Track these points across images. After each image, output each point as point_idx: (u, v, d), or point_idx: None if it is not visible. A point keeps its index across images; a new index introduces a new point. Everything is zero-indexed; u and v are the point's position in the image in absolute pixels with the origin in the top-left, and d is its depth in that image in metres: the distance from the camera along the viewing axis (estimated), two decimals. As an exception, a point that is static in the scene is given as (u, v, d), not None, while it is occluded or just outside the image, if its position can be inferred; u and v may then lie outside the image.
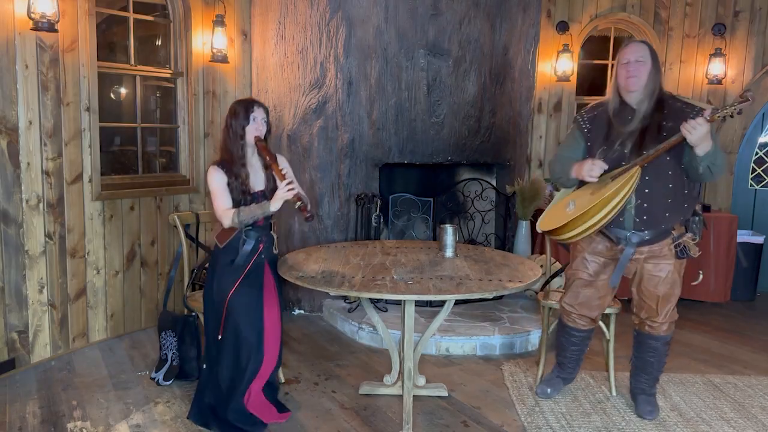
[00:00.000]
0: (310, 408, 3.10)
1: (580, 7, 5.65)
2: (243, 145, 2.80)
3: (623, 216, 2.75)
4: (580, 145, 2.93)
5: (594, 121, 2.90)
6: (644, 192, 2.71)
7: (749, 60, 5.38)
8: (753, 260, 5.22)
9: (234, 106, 2.85)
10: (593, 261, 2.96)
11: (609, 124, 2.82)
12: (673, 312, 2.92)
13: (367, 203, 4.44)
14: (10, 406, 3.08)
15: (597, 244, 2.93)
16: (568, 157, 2.93)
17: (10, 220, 3.39)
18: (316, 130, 4.47)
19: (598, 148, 2.82)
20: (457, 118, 4.59)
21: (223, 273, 2.82)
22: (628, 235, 2.77)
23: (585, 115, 2.97)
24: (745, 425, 2.99)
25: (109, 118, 4.25)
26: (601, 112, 2.89)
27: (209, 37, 4.41)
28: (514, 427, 2.94)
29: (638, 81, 2.72)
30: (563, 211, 2.83)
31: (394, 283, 2.58)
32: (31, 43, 3.39)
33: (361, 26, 4.29)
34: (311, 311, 4.68)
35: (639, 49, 2.74)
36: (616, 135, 2.77)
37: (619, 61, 2.79)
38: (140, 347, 3.91)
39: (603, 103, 2.91)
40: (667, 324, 2.93)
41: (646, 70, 2.71)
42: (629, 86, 2.74)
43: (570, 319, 3.11)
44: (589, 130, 2.90)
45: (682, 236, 2.80)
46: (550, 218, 2.91)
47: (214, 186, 2.80)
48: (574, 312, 3.07)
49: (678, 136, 2.54)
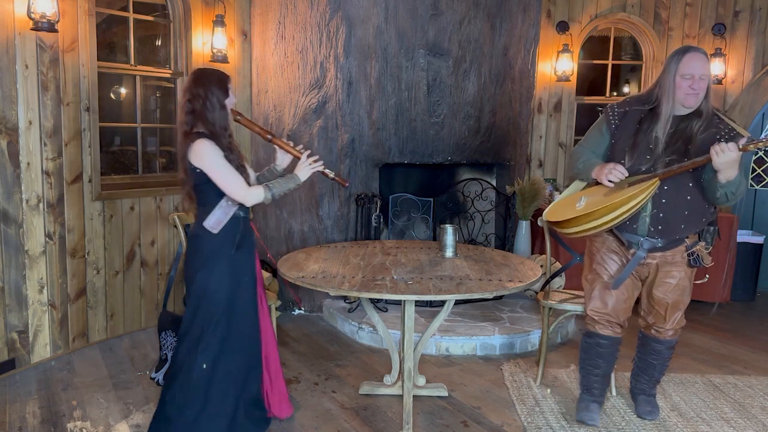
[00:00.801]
0: (310, 408, 3.10)
1: (580, 7, 5.65)
2: (226, 116, 2.53)
3: (637, 222, 2.68)
4: (604, 139, 2.83)
5: (625, 117, 2.77)
6: (662, 202, 2.63)
7: (749, 60, 5.39)
8: (753, 260, 5.22)
9: (202, 75, 2.55)
10: (611, 260, 2.84)
11: (640, 123, 2.71)
12: (681, 319, 2.88)
13: (367, 203, 4.44)
14: (10, 406, 3.08)
15: (611, 243, 2.85)
16: (591, 152, 2.84)
17: (10, 220, 3.39)
18: (316, 130, 4.47)
19: (622, 148, 2.72)
20: (457, 118, 4.59)
21: (230, 262, 2.55)
22: (641, 240, 2.70)
23: (616, 108, 2.81)
24: (745, 425, 2.99)
25: (109, 118, 4.26)
26: (634, 111, 2.75)
27: (209, 37, 4.41)
28: (514, 427, 2.94)
29: (698, 99, 2.60)
30: (572, 206, 2.75)
31: (394, 283, 2.58)
32: (31, 43, 3.39)
33: (361, 26, 4.29)
34: (311, 311, 4.68)
35: (704, 65, 2.58)
36: (645, 139, 2.67)
37: (680, 71, 2.59)
38: (140, 347, 3.91)
39: (638, 101, 2.78)
40: (673, 330, 2.89)
41: (705, 86, 2.59)
42: (688, 102, 2.61)
43: (599, 326, 2.90)
44: (618, 126, 2.77)
45: (695, 245, 2.74)
46: (558, 210, 2.83)
47: (216, 162, 2.44)
48: (603, 319, 2.88)
49: (705, 157, 2.45)
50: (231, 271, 2.57)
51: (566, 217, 2.70)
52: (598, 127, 2.88)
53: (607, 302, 2.86)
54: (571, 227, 2.69)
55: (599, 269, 2.87)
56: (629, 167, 2.66)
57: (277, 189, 2.56)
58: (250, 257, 2.69)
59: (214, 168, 2.44)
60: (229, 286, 2.58)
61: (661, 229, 2.67)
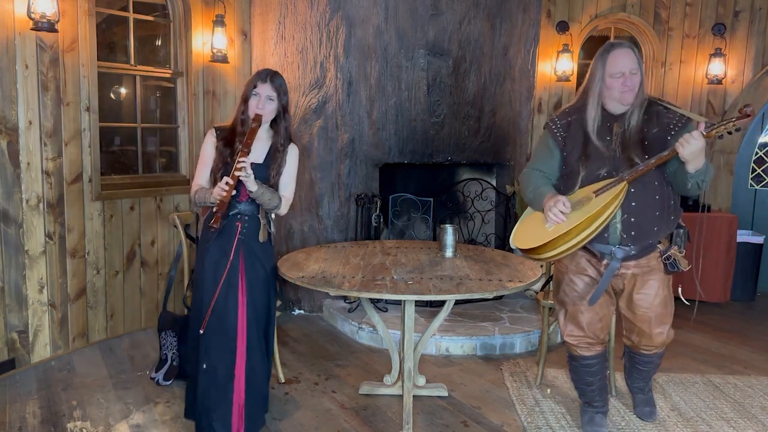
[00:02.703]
0: (310, 408, 3.10)
1: (580, 7, 5.65)
2: (245, 120, 2.62)
3: (608, 231, 2.52)
4: (554, 154, 2.67)
5: (569, 128, 2.63)
6: (631, 206, 2.48)
7: (749, 60, 5.39)
8: (753, 260, 5.22)
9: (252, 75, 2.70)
10: (579, 281, 2.69)
11: (585, 132, 2.58)
12: (669, 332, 2.73)
13: (367, 203, 4.44)
14: (10, 406, 3.08)
15: (580, 259, 2.67)
16: (541, 174, 2.68)
17: (10, 220, 3.39)
18: (316, 130, 4.47)
19: (576, 157, 2.58)
20: (457, 118, 4.59)
21: (199, 257, 2.61)
22: (613, 249, 2.53)
23: (558, 121, 2.68)
24: (745, 425, 2.99)
25: (109, 118, 4.26)
26: (575, 120, 2.63)
27: (209, 37, 4.41)
28: (514, 427, 2.94)
29: (633, 94, 2.51)
30: (541, 228, 2.54)
31: (394, 283, 2.58)
32: (31, 43, 3.39)
33: (361, 26, 4.29)
34: (311, 311, 4.68)
35: (631, 60, 2.51)
36: (595, 145, 2.54)
37: (608, 72, 2.51)
38: (140, 347, 3.91)
39: (575, 109, 2.66)
40: (663, 346, 2.79)
41: (638, 80, 2.51)
42: (625, 100, 2.52)
43: (580, 349, 2.77)
44: (564, 138, 2.63)
45: (669, 249, 2.61)
46: (526, 234, 2.61)
47: (201, 152, 2.71)
48: (582, 342, 2.75)
49: (670, 151, 2.35)
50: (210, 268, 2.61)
51: (542, 242, 2.47)
52: (545, 144, 2.72)
53: (582, 324, 2.72)
54: (549, 251, 2.48)
55: (567, 291, 2.73)
56: (586, 176, 2.54)
57: (198, 196, 2.63)
58: (229, 256, 2.60)
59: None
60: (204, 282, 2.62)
61: (634, 234, 2.51)
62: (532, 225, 2.62)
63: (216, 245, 2.62)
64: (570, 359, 2.85)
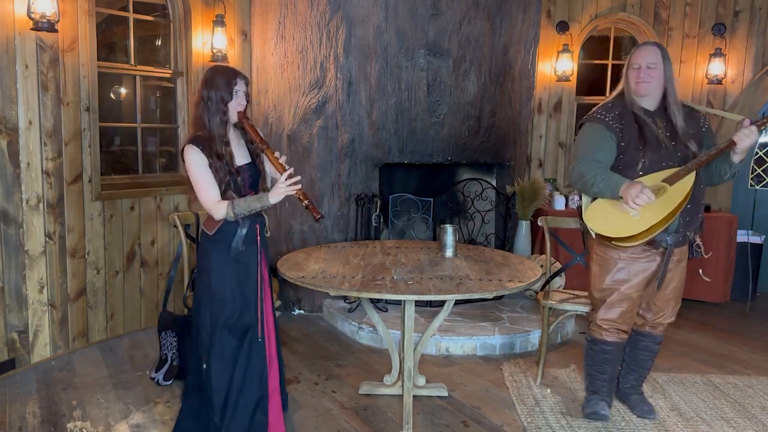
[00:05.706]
0: (310, 408, 3.10)
1: (580, 7, 5.65)
2: (226, 122, 2.46)
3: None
4: (612, 146, 2.74)
5: (622, 119, 2.75)
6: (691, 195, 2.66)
7: (749, 60, 5.38)
8: (753, 260, 5.21)
9: (211, 76, 2.45)
10: (633, 267, 2.79)
11: (639, 123, 2.72)
12: (675, 310, 2.98)
13: (367, 203, 4.44)
14: (10, 406, 3.08)
15: (637, 246, 2.75)
16: (600, 166, 2.71)
17: (10, 220, 3.39)
18: (316, 130, 4.47)
19: (635, 147, 2.69)
20: (457, 118, 4.59)
21: (220, 263, 2.52)
22: (667, 237, 2.71)
23: (607, 114, 2.78)
24: (745, 425, 2.99)
25: (109, 118, 4.26)
26: (622, 112, 2.76)
27: (209, 37, 4.41)
28: (514, 427, 2.94)
29: (648, 86, 2.70)
30: (625, 217, 2.63)
31: (394, 283, 2.58)
32: (31, 43, 3.39)
33: (361, 26, 4.29)
34: (311, 311, 4.68)
35: (651, 54, 2.70)
36: (654, 135, 2.69)
37: (631, 64, 2.74)
38: (140, 347, 3.91)
39: (616, 104, 2.80)
40: (668, 323, 2.98)
41: (656, 74, 2.69)
42: (639, 91, 2.72)
43: (606, 333, 2.89)
44: (621, 129, 2.73)
45: (695, 236, 2.85)
46: (609, 223, 2.68)
47: (195, 171, 2.43)
48: (612, 327, 2.87)
49: (729, 141, 2.57)
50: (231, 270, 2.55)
51: (635, 232, 2.60)
52: (600, 136, 2.76)
53: (622, 312, 2.85)
54: (641, 239, 2.63)
55: (619, 278, 2.80)
56: (650, 165, 2.68)
57: (240, 208, 2.43)
58: (255, 258, 2.61)
59: (192, 176, 2.45)
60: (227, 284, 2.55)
61: (688, 220, 2.73)
62: (611, 213, 2.69)
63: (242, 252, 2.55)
64: (590, 344, 2.97)
